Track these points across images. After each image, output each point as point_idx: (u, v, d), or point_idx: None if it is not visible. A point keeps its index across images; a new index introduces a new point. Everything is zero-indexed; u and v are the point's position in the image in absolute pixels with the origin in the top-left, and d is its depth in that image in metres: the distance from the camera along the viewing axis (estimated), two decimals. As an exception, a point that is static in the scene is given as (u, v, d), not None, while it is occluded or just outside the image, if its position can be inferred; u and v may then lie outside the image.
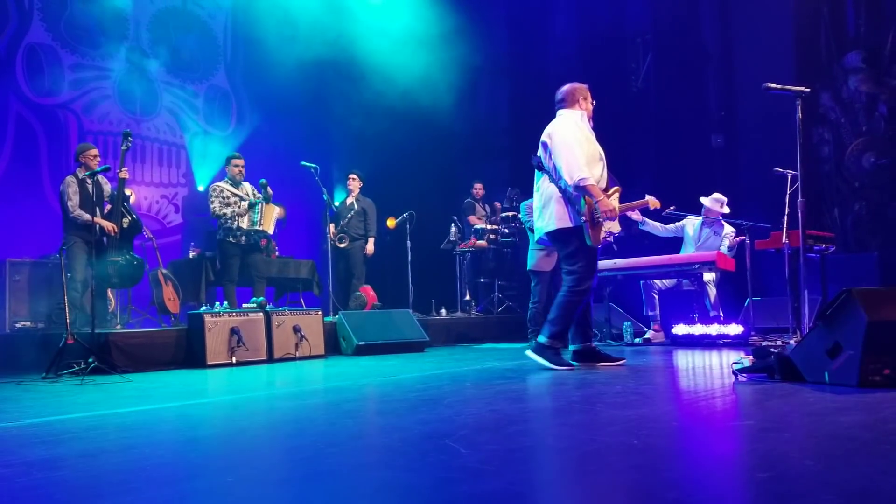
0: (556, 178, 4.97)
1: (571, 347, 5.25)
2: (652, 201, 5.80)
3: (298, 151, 9.51)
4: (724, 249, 7.77)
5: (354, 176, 9.04)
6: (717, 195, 7.99)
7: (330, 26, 10.09)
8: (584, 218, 4.86)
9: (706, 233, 8.01)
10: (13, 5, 8.82)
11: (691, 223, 8.14)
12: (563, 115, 5.16)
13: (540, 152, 5.08)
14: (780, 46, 10.28)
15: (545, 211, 5.05)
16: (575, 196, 4.89)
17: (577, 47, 11.89)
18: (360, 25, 10.57)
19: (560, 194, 4.96)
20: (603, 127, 11.30)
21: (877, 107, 9.80)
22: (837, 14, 10.12)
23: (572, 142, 4.90)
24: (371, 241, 8.93)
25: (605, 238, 5.02)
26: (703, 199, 8.00)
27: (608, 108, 11.55)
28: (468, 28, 11.13)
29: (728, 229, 8.00)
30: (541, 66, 11.59)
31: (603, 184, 5.03)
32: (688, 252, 7.94)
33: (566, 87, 5.26)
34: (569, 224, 4.93)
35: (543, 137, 5.06)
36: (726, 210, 7.95)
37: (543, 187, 5.09)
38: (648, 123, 11.22)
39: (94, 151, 7.06)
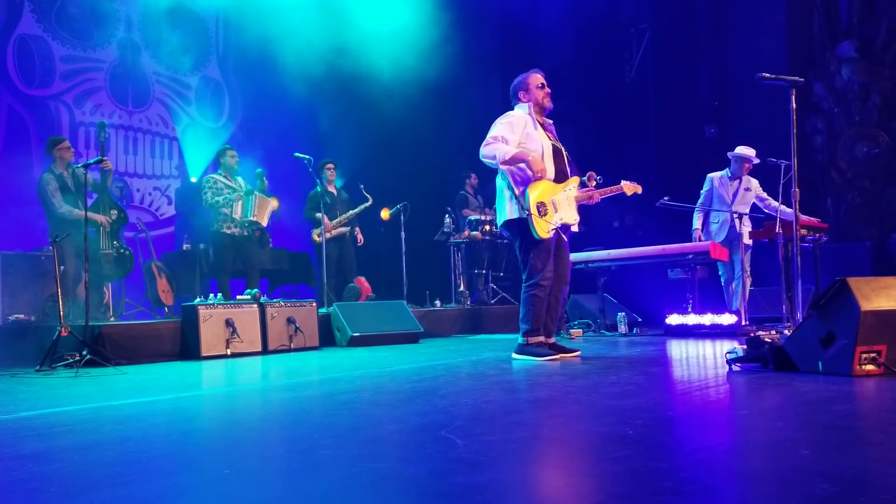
0: (501, 172, 5.08)
1: None
2: (627, 186, 5.66)
3: (291, 142, 9.49)
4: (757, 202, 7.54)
5: (333, 165, 9.00)
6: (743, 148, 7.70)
7: (322, 18, 10.05)
8: (527, 212, 4.90)
9: (735, 186, 7.68)
10: (3, -3, 8.77)
11: (717, 178, 7.79)
12: (514, 109, 5.25)
13: None
14: (774, 36, 10.27)
15: (498, 205, 5.20)
16: (521, 191, 4.96)
17: (570, 37, 11.89)
18: (352, 17, 10.53)
19: (506, 188, 5.07)
20: (596, 117, 11.45)
21: (870, 96, 9.82)
22: (831, 3, 10.12)
23: (490, 134, 4.99)
24: (358, 229, 8.97)
25: (553, 229, 4.99)
26: (734, 153, 7.70)
27: (602, 98, 11.65)
28: (462, 19, 11.10)
29: (753, 182, 7.69)
30: (534, 56, 11.57)
31: (550, 175, 5.03)
32: (720, 210, 7.68)
33: (512, 83, 5.32)
34: (512, 216, 5.03)
35: None
36: (755, 160, 7.61)
37: (497, 182, 5.22)
38: (642, 114, 11.22)
39: (67, 143, 7.05)
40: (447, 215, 9.55)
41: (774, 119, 7.53)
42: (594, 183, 5.37)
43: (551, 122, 5.31)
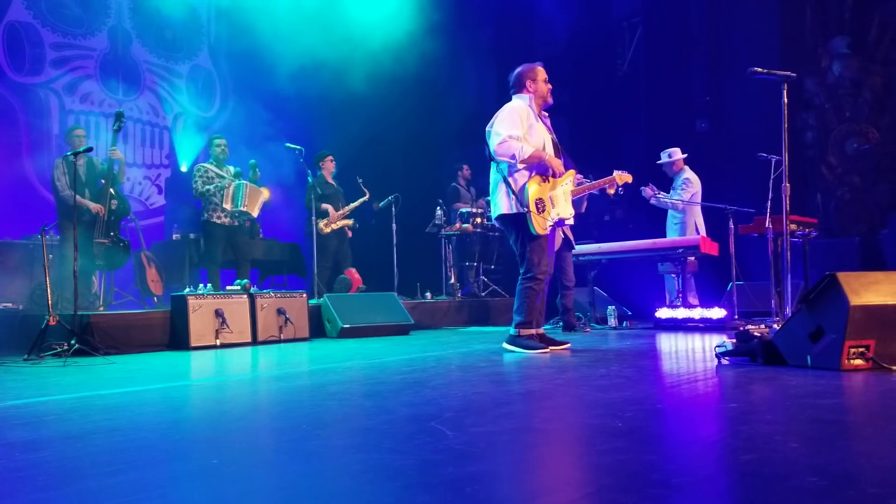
0: (498, 164, 5.05)
1: None
2: (619, 176, 5.73)
3: (283, 133, 9.45)
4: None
5: (332, 157, 8.97)
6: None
7: (315, 8, 10.01)
8: (526, 209, 4.89)
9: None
10: (-8, -17, 8.69)
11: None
12: (512, 100, 5.20)
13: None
14: (766, 31, 10.29)
15: (494, 198, 5.17)
16: (519, 188, 4.93)
17: (563, 30, 11.88)
18: (346, 7, 10.49)
19: (503, 182, 5.03)
20: (588, 110, 11.44)
21: (861, 92, 9.85)
22: (823, -1, 10.16)
23: (503, 130, 4.93)
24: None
25: (551, 225, 5.01)
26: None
27: (594, 91, 11.64)
28: (454, 10, 11.07)
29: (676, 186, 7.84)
30: (528, 49, 11.56)
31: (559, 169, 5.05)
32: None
33: (515, 72, 5.29)
34: (509, 211, 5.02)
35: (488, 127, 5.09)
36: (675, 158, 7.91)
37: (492, 175, 5.18)
38: (634, 107, 11.23)
39: (79, 132, 7.08)
40: (438, 207, 9.53)
41: (765, 114, 7.55)
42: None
43: (546, 114, 5.31)
